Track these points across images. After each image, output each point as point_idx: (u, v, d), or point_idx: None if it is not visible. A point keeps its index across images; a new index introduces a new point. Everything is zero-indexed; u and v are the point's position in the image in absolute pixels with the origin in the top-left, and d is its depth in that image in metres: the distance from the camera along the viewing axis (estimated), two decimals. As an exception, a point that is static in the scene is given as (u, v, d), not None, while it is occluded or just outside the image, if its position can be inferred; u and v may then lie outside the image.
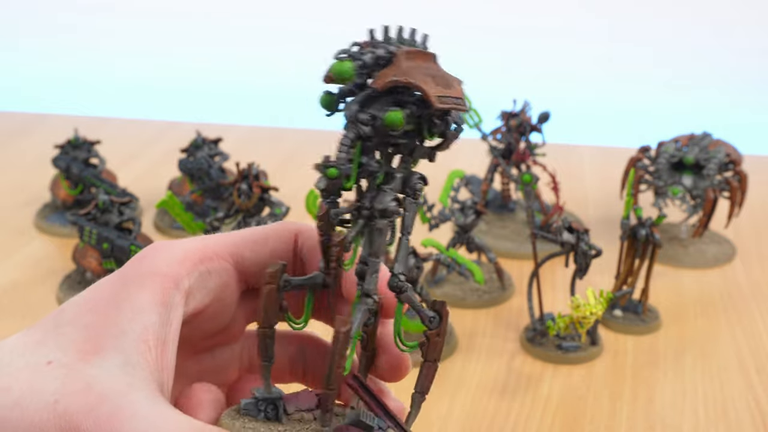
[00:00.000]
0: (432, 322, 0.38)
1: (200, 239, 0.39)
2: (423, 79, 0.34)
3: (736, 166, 1.08)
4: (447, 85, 0.34)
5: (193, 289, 0.37)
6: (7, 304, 0.96)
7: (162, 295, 0.35)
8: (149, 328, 0.34)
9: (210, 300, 0.38)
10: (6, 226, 1.14)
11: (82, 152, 1.14)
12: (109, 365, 0.33)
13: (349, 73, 0.34)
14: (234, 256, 0.39)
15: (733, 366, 0.89)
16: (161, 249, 0.37)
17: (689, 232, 1.13)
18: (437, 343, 0.38)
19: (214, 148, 1.16)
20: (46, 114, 1.58)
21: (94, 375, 0.33)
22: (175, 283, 0.36)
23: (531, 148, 1.10)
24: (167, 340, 0.35)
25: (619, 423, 0.80)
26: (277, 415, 0.38)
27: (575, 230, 0.85)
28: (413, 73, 0.34)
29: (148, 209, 1.17)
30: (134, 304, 0.35)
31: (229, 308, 0.40)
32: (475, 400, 0.82)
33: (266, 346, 0.38)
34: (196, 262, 0.37)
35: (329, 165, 0.35)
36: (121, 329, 0.34)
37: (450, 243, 0.98)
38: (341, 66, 0.34)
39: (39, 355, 0.33)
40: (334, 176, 0.35)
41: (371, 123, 0.34)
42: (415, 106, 0.34)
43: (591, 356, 0.89)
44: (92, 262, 0.95)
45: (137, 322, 0.34)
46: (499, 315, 0.97)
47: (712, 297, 1.02)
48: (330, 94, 0.35)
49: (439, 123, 0.35)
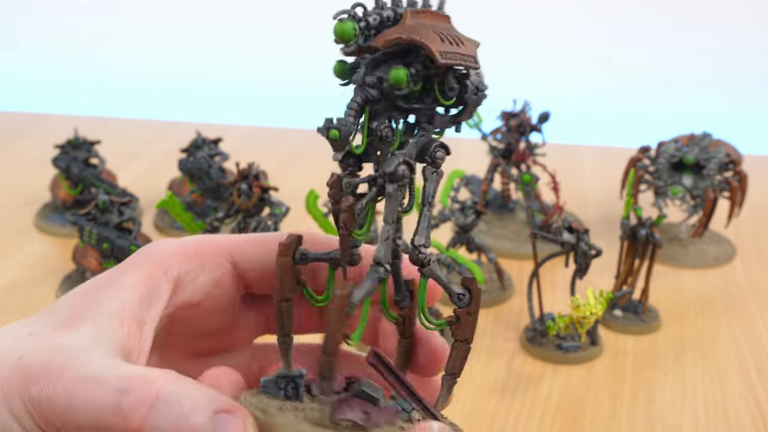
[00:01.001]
0: (461, 300, 0.37)
1: (199, 236, 0.39)
2: (427, 35, 0.33)
3: (736, 166, 1.08)
4: (456, 43, 0.33)
5: (182, 279, 0.37)
6: (7, 304, 0.96)
7: (147, 278, 0.36)
8: (126, 305, 0.35)
9: (203, 296, 0.38)
10: (6, 226, 1.14)
11: (82, 152, 1.14)
12: (80, 334, 0.34)
13: (350, 33, 0.33)
14: (232, 255, 0.39)
15: (733, 366, 0.89)
16: (159, 242, 0.39)
17: (689, 232, 1.13)
18: (468, 322, 0.37)
19: (214, 148, 1.16)
20: (46, 114, 1.58)
21: (63, 341, 0.34)
22: (163, 270, 0.37)
23: (531, 148, 1.10)
24: (144, 321, 0.36)
25: (619, 423, 0.80)
26: (297, 394, 0.35)
27: (575, 230, 0.85)
28: (418, 29, 0.33)
29: (148, 209, 1.17)
30: (118, 284, 0.36)
31: (226, 307, 0.39)
32: (475, 400, 0.82)
33: (282, 322, 0.36)
34: (189, 255, 0.38)
35: (331, 126, 0.33)
36: (100, 305, 0.35)
37: (450, 243, 0.98)
38: (342, 27, 0.33)
39: (24, 330, 0.35)
40: (336, 138, 0.33)
41: (377, 85, 0.33)
42: (421, 65, 0.33)
43: (591, 356, 0.89)
44: (92, 262, 0.95)
45: (116, 299, 0.35)
46: (499, 315, 0.97)
47: (712, 297, 1.02)
48: (343, 63, 0.34)
49: (455, 87, 0.34)
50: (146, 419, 0.31)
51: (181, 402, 0.32)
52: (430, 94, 0.34)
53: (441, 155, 0.35)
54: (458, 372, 0.38)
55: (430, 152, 0.35)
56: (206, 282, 0.38)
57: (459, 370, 0.38)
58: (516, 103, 1.11)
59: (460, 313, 0.37)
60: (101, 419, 0.32)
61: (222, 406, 0.32)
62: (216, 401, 0.32)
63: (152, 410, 0.31)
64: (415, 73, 0.33)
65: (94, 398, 0.32)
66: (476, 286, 0.37)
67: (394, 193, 0.35)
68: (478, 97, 0.35)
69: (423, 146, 0.35)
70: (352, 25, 0.33)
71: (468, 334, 0.37)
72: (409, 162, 0.34)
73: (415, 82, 0.34)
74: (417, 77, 0.34)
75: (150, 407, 0.31)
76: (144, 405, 0.32)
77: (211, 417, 0.31)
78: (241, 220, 0.94)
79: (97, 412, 0.32)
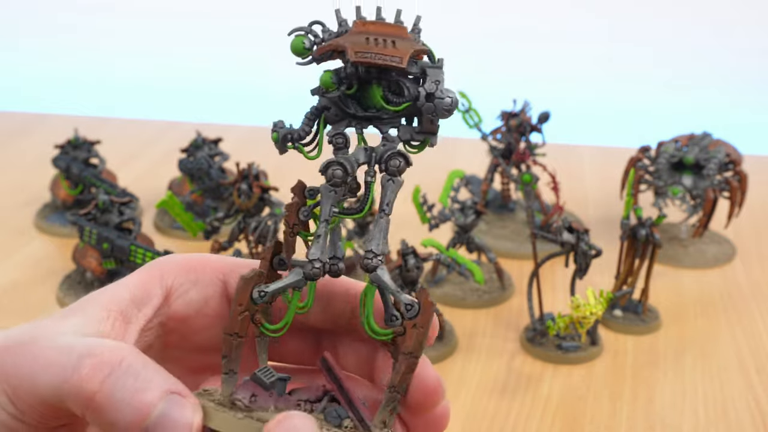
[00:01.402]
0: (409, 311, 0.36)
1: (204, 255, 0.40)
2: (354, 40, 0.34)
3: (736, 166, 1.08)
4: (384, 45, 0.34)
5: (175, 290, 0.38)
6: (7, 304, 0.96)
7: (143, 281, 0.38)
8: (115, 299, 0.36)
9: (194, 311, 0.39)
10: (6, 226, 1.14)
11: (82, 152, 1.14)
12: (67, 322, 0.35)
13: (300, 47, 0.34)
14: (225, 275, 0.39)
15: (733, 366, 0.89)
16: (169, 255, 0.40)
17: (689, 232, 1.13)
18: (413, 335, 0.35)
19: (214, 148, 1.16)
20: (46, 114, 1.58)
21: (48, 323, 0.35)
22: (159, 277, 0.38)
23: (531, 148, 1.10)
24: (131, 320, 0.37)
25: (619, 423, 0.80)
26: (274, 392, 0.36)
27: (575, 230, 0.85)
28: (351, 38, 0.34)
29: (148, 209, 1.17)
30: (117, 283, 0.38)
31: (217, 325, 0.40)
32: (475, 400, 0.82)
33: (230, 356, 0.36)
34: (187, 269, 0.39)
35: (273, 129, 0.36)
36: (95, 299, 0.36)
37: (450, 243, 0.98)
38: (294, 42, 0.35)
39: (34, 323, 0.36)
40: (275, 140, 0.35)
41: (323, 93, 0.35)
42: (353, 69, 0.34)
43: (591, 356, 0.89)
44: (92, 262, 0.95)
45: (108, 293, 0.37)
46: (499, 315, 0.97)
47: (712, 297, 1.02)
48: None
49: (405, 93, 0.34)
50: (104, 384, 0.32)
51: (140, 375, 0.33)
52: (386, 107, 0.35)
53: (396, 164, 0.35)
54: (399, 386, 0.36)
55: (384, 160, 0.35)
56: (196, 297, 0.39)
57: (401, 383, 0.36)
58: (516, 103, 1.11)
59: (406, 324, 0.36)
60: (62, 388, 0.32)
61: (176, 389, 0.33)
62: (172, 383, 0.33)
63: (111, 376, 0.32)
64: (345, 75, 0.34)
65: (58, 361, 0.33)
66: (427, 299, 0.35)
67: (324, 191, 0.36)
68: (435, 105, 0.34)
69: (381, 155, 0.35)
70: (301, 40, 0.34)
71: (414, 347, 0.35)
72: (344, 165, 0.35)
73: (345, 84, 0.34)
74: (347, 79, 0.34)
75: (110, 373, 0.32)
76: (105, 369, 0.32)
77: (164, 397, 0.33)
78: (241, 220, 0.94)
79: (59, 377, 0.33)
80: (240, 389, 0.36)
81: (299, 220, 0.37)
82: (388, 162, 0.35)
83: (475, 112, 1.10)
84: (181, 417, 0.33)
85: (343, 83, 0.34)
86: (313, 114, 0.35)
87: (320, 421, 0.35)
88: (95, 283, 0.96)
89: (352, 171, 0.35)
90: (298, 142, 0.36)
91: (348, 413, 0.36)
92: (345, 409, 0.36)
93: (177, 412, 0.33)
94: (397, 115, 0.35)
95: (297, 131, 0.35)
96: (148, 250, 0.93)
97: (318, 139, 0.36)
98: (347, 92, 0.35)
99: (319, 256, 0.36)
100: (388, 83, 0.34)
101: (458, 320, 0.94)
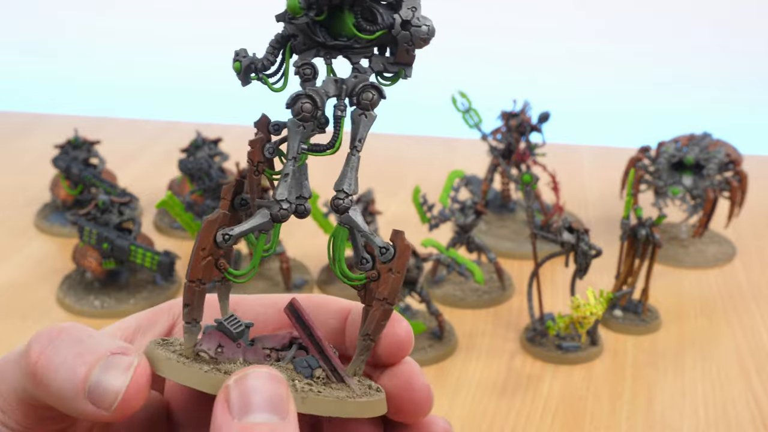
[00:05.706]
0: (384, 254, 0.34)
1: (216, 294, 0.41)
2: None
3: (736, 166, 1.08)
4: None
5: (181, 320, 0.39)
6: (7, 304, 0.96)
7: (151, 313, 0.39)
8: (122, 326, 0.38)
9: None
10: (6, 226, 1.14)
11: (82, 152, 1.14)
12: None
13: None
14: None
15: (733, 366, 0.89)
16: None
17: (689, 232, 1.13)
18: (389, 280, 0.34)
19: (214, 148, 1.16)
20: (46, 114, 1.58)
21: None
22: (167, 309, 0.39)
23: (531, 148, 1.10)
24: (134, 342, 0.37)
25: (619, 423, 0.80)
26: None
27: (575, 230, 0.85)
28: None
29: (148, 209, 1.17)
30: (131, 315, 0.39)
31: None
32: (475, 400, 0.82)
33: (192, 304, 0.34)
34: None
35: (235, 58, 0.33)
36: (102, 329, 0.37)
37: (450, 243, 0.98)
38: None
39: None
40: (237, 70, 0.34)
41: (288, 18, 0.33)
42: None
43: (591, 356, 0.89)
44: (92, 262, 0.95)
45: (116, 323, 0.38)
46: (499, 315, 0.97)
47: (712, 297, 1.02)
48: None
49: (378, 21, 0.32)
50: (43, 354, 0.32)
51: (84, 342, 0.32)
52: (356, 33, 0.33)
53: (368, 96, 0.33)
54: (374, 333, 0.34)
55: (356, 92, 0.33)
56: None
57: (375, 331, 0.34)
58: (516, 103, 1.11)
59: (381, 268, 0.34)
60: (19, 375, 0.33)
61: (118, 350, 0.32)
62: (114, 345, 0.33)
63: (51, 344, 0.32)
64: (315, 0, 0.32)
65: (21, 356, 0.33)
66: (403, 242, 0.34)
67: (292, 126, 0.33)
68: (411, 34, 0.32)
69: (352, 87, 0.33)
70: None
71: (389, 293, 0.34)
72: (313, 98, 0.33)
73: (315, 9, 0.32)
74: (316, 4, 0.32)
75: (50, 342, 0.32)
76: (44, 340, 0.32)
77: (105, 356, 0.32)
78: (241, 220, 0.93)
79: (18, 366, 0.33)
80: (205, 340, 0.34)
81: (264, 158, 0.35)
82: (360, 95, 0.33)
83: (475, 112, 1.10)
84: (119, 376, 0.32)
85: (312, 8, 0.32)
86: (279, 42, 0.33)
87: (290, 372, 0.33)
88: (95, 283, 0.96)
89: (321, 104, 0.33)
90: (262, 73, 0.33)
91: (319, 362, 0.34)
92: (315, 357, 0.34)
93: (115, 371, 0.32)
94: (370, 44, 0.33)
95: (261, 60, 0.33)
96: (148, 250, 0.93)
97: (284, 69, 0.33)
98: (316, 18, 0.32)
99: (287, 197, 0.33)
100: (360, 9, 0.32)
101: (458, 320, 0.94)
